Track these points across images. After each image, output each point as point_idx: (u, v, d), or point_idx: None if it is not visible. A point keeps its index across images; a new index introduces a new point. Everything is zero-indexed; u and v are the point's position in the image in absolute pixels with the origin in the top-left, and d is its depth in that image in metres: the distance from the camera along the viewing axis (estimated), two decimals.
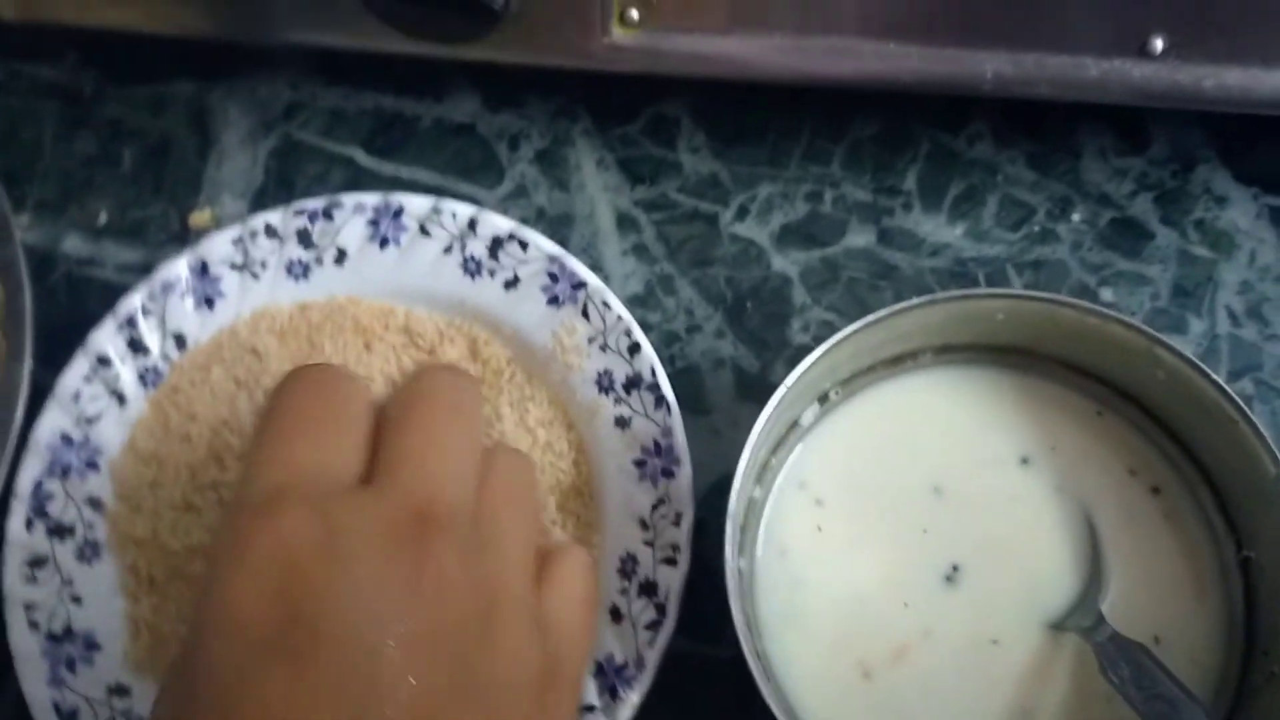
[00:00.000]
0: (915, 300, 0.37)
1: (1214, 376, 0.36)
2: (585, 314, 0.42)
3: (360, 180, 0.48)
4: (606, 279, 0.46)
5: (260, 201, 0.48)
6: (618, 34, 0.40)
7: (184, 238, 0.48)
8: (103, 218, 0.48)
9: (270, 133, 0.49)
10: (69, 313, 0.46)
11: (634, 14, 0.40)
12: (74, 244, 0.48)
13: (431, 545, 0.27)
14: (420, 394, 0.30)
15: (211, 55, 0.50)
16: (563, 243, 0.46)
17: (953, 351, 0.41)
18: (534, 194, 0.48)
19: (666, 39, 0.40)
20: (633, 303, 0.46)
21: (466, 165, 0.48)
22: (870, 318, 0.37)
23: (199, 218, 0.48)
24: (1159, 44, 0.38)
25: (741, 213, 0.47)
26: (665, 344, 0.45)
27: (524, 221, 0.46)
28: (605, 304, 0.42)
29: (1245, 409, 0.35)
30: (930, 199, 0.46)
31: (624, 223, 0.47)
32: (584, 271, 0.42)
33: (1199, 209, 0.46)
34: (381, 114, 0.49)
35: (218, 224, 0.48)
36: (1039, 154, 0.47)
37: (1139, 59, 0.38)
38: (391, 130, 0.49)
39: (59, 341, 0.43)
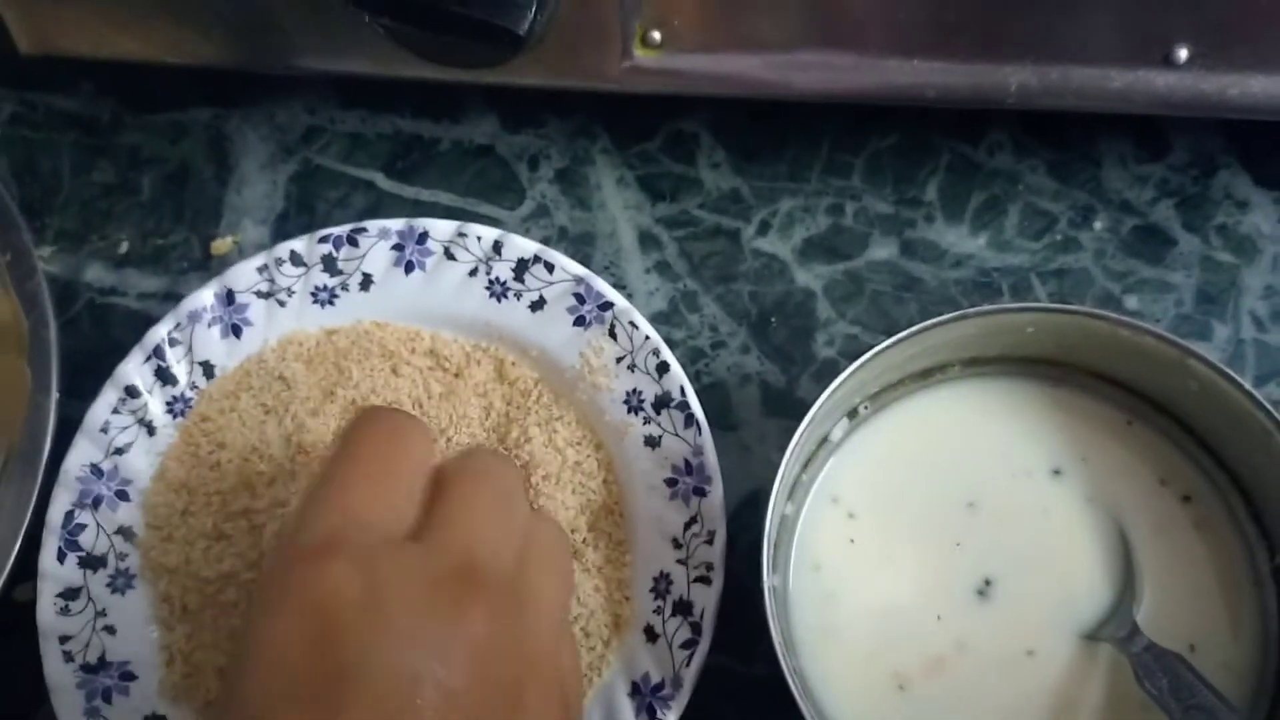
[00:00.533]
0: (946, 316, 0.37)
1: (1247, 387, 0.36)
2: (613, 334, 0.42)
3: (381, 204, 0.48)
4: (630, 297, 0.46)
5: (281, 227, 0.48)
6: (639, 56, 0.40)
7: (206, 265, 0.48)
8: (124, 246, 0.48)
9: (290, 158, 0.49)
10: (94, 343, 0.46)
11: (655, 35, 0.40)
12: (96, 273, 0.48)
13: (470, 605, 0.27)
14: (473, 469, 0.31)
15: (228, 81, 0.50)
16: (585, 261, 0.46)
17: (981, 364, 0.41)
18: (555, 213, 0.48)
19: (688, 59, 0.40)
20: (657, 320, 0.46)
21: (487, 186, 0.48)
22: (901, 335, 0.37)
23: (220, 245, 0.48)
24: (1183, 53, 0.38)
25: (763, 227, 0.47)
26: (691, 360, 0.45)
27: (546, 241, 0.47)
28: (633, 324, 0.42)
29: (1276, 414, 0.35)
30: (952, 209, 0.46)
31: (646, 240, 0.47)
32: (610, 292, 0.42)
33: (1221, 214, 0.46)
34: (400, 137, 0.49)
35: (239, 250, 0.48)
36: (1059, 162, 0.47)
37: (1163, 68, 0.39)
38: (411, 153, 0.49)
39: (84, 372, 0.43)
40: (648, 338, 0.42)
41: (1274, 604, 0.38)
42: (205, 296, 0.43)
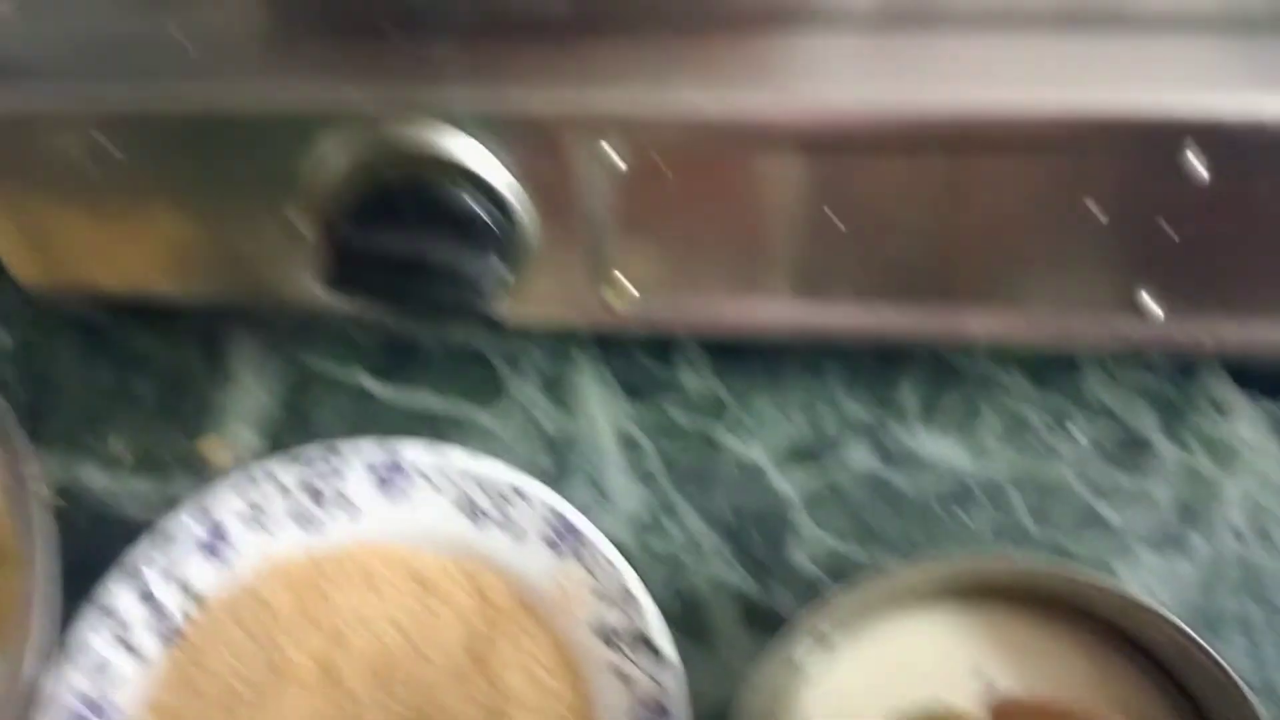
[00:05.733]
0: (922, 564, 0.37)
1: (1213, 653, 0.36)
2: (586, 566, 0.42)
3: (371, 410, 0.49)
4: (609, 503, 0.46)
5: (273, 431, 0.49)
6: (613, 302, 0.41)
7: (202, 470, 0.49)
8: (120, 450, 0.50)
9: (281, 359, 0.50)
10: (89, 551, 0.47)
11: (627, 285, 0.40)
12: (92, 477, 0.49)
13: None
14: None
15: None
16: (565, 466, 0.47)
17: (964, 597, 0.41)
18: (536, 415, 0.48)
19: (665, 305, 0.41)
20: (635, 528, 0.46)
21: (471, 388, 0.49)
22: (868, 582, 0.37)
23: (213, 450, 0.49)
24: (1148, 300, 0.38)
25: (742, 431, 0.47)
26: (670, 572, 0.45)
27: (529, 446, 0.47)
28: (608, 560, 0.42)
29: (1236, 678, 0.35)
30: (929, 415, 0.46)
31: (626, 444, 0.47)
32: (584, 524, 0.43)
33: (1202, 420, 0.45)
34: (389, 337, 0.50)
35: (234, 456, 0.49)
36: (1038, 366, 0.47)
37: (1130, 315, 0.38)
38: (399, 354, 0.50)
39: (81, 580, 0.44)
40: (619, 570, 0.42)
41: None
42: (187, 521, 0.44)
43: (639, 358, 0.49)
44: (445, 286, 0.35)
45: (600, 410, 0.48)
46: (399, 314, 0.38)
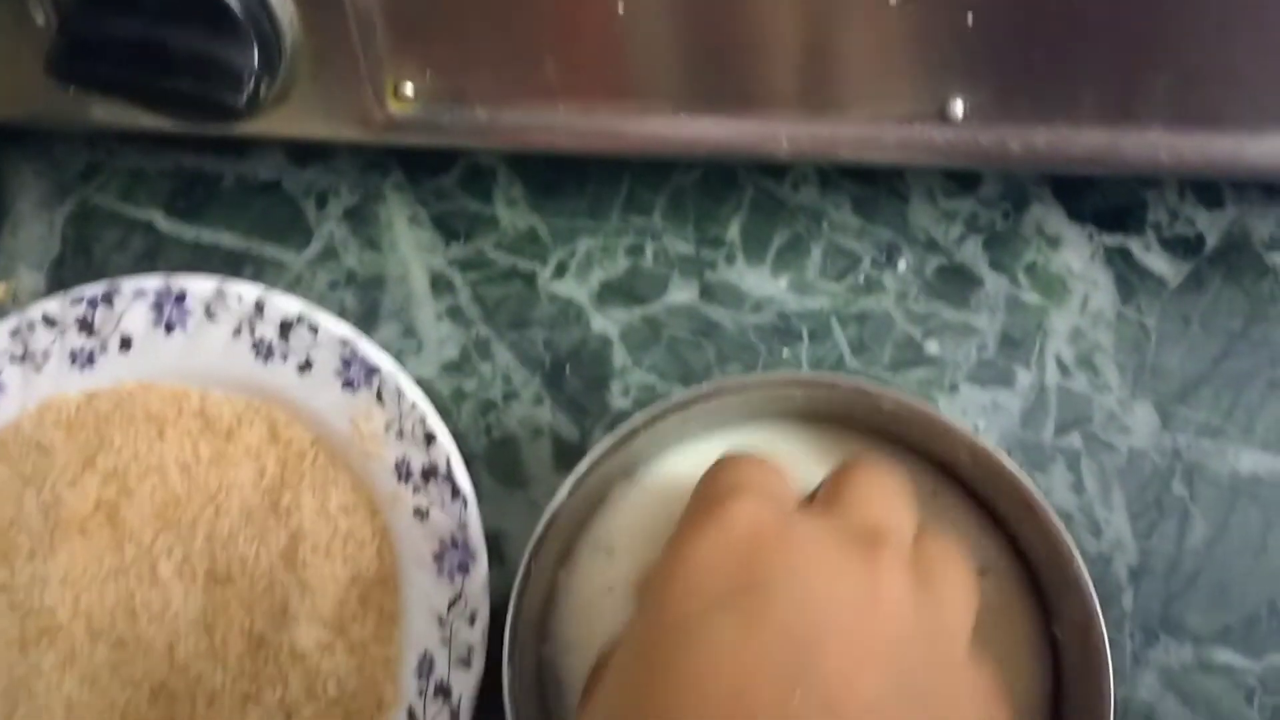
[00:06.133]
0: (704, 388, 0.36)
1: (1008, 461, 0.34)
2: (380, 399, 0.40)
3: (161, 247, 0.46)
4: (420, 345, 0.44)
5: (58, 272, 0.46)
6: (394, 109, 0.38)
7: None
8: None
9: (67, 197, 0.47)
10: None
11: (408, 89, 0.37)
12: None
13: (881, 561, 0.27)
14: (859, 464, 0.32)
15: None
16: (374, 307, 0.44)
17: (766, 421, 0.40)
18: (344, 255, 0.45)
19: (446, 112, 0.38)
20: (448, 370, 0.44)
21: (272, 226, 0.46)
22: (658, 407, 0.35)
23: None
24: (959, 107, 0.36)
25: (560, 270, 0.45)
26: (481, 413, 0.43)
27: (333, 286, 0.45)
28: (400, 390, 0.40)
29: (1037, 493, 0.34)
30: (754, 250, 0.44)
31: (439, 284, 0.45)
32: (377, 355, 0.40)
33: (1031, 251, 0.44)
34: (182, 173, 0.47)
35: (14, 298, 0.46)
36: (865, 198, 0.45)
37: (939, 123, 0.36)
38: (193, 190, 0.46)
39: None
40: (414, 405, 0.40)
41: (1051, 678, 0.37)
42: None
43: (455, 195, 0.46)
44: (189, 78, 0.32)
45: (411, 249, 0.45)
46: (142, 107, 0.35)
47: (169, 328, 0.41)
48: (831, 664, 0.25)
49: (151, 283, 0.41)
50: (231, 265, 0.45)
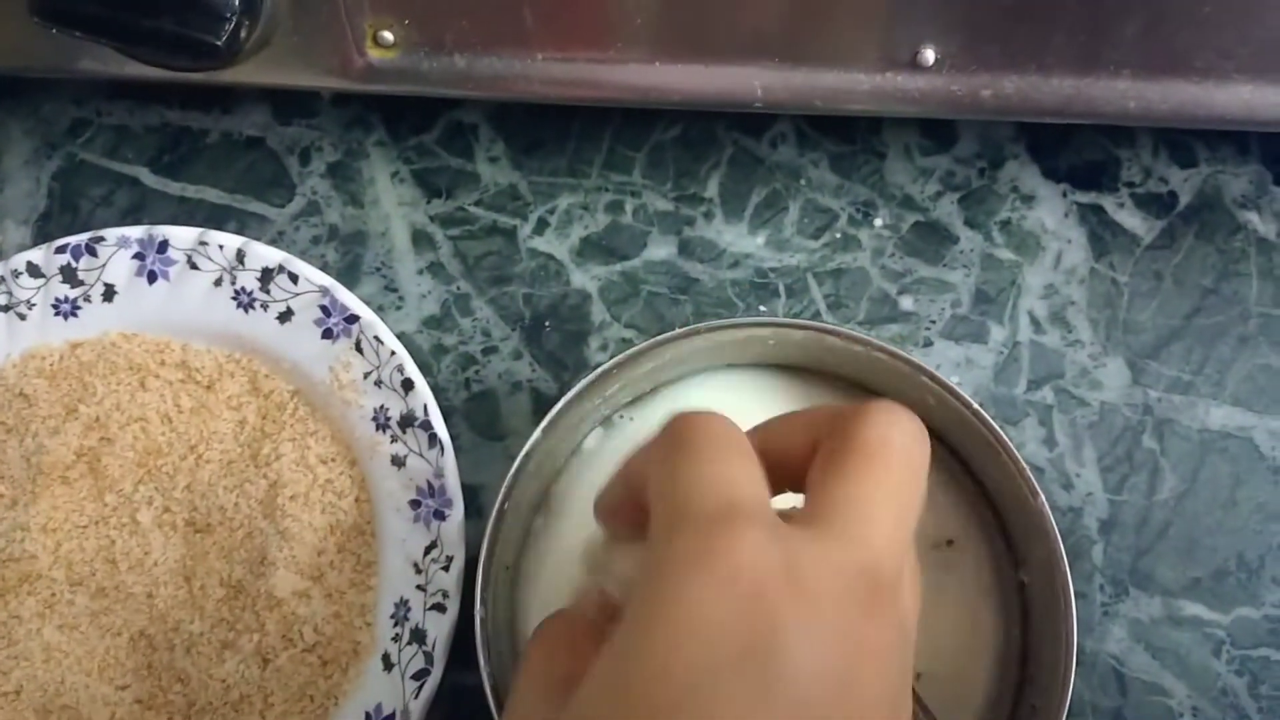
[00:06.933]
0: (678, 331, 0.36)
1: (973, 405, 0.35)
2: (359, 348, 0.40)
3: (146, 201, 0.46)
4: (402, 300, 0.44)
5: (44, 227, 0.46)
6: (373, 56, 0.38)
7: None
8: None
9: (54, 153, 0.47)
10: None
11: (387, 35, 0.38)
12: None
13: (878, 609, 0.24)
14: (878, 441, 0.26)
15: None
16: (356, 262, 0.45)
17: (738, 368, 0.40)
18: (326, 211, 0.46)
19: (425, 60, 0.38)
20: (429, 324, 0.44)
21: (256, 181, 0.46)
22: (630, 352, 0.36)
23: None
24: (930, 55, 0.36)
25: (541, 226, 0.45)
26: (461, 367, 0.44)
27: (316, 240, 0.45)
28: (378, 339, 0.40)
29: (1003, 436, 0.35)
30: (732, 206, 0.45)
31: (420, 239, 0.45)
32: (356, 304, 0.41)
33: (1005, 209, 0.44)
34: (168, 129, 0.47)
35: (0, 252, 0.46)
36: (843, 156, 0.45)
37: (911, 71, 0.37)
38: (178, 146, 0.47)
39: None
40: (393, 353, 0.40)
41: (1018, 624, 0.37)
42: None
43: (436, 152, 0.46)
44: (170, 18, 0.33)
45: (393, 205, 0.46)
46: (122, 49, 0.35)
47: (151, 277, 0.41)
48: None
49: (134, 232, 0.41)
50: (216, 219, 0.45)
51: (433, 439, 0.39)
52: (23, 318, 0.42)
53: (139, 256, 0.41)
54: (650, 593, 0.24)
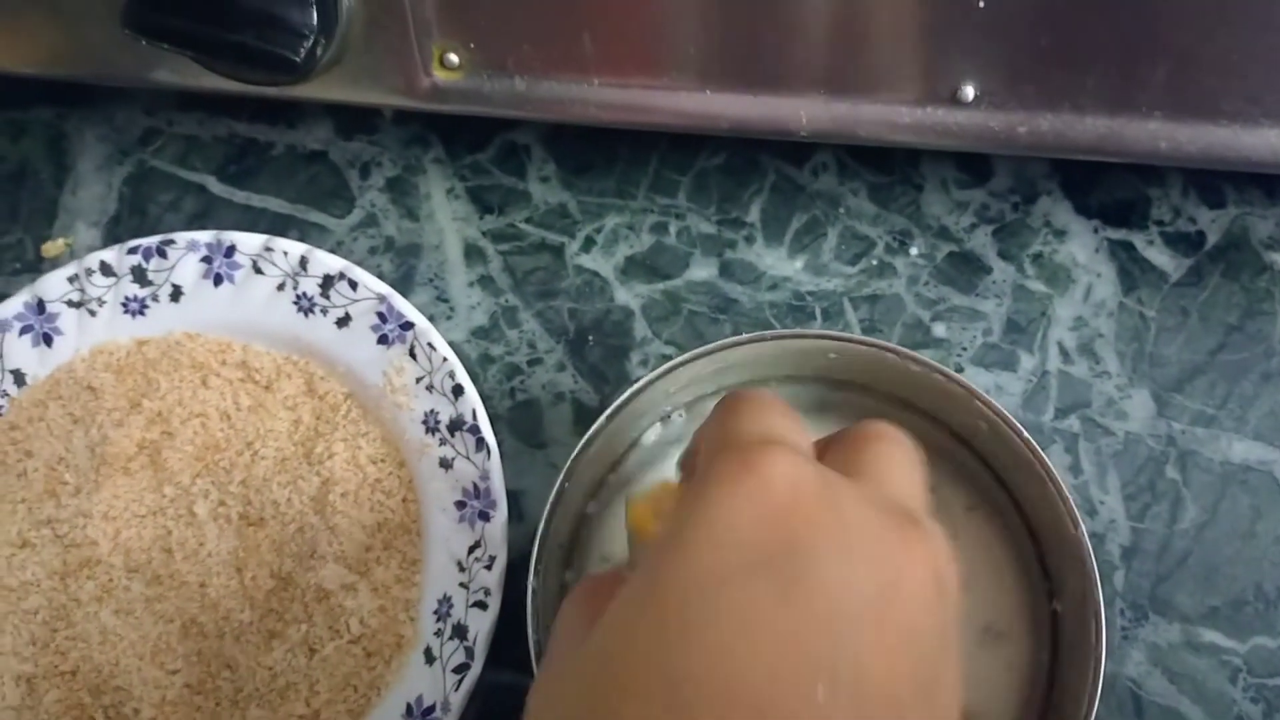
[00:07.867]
0: (745, 336, 0.38)
1: (1024, 433, 0.36)
2: (413, 354, 0.42)
3: (212, 208, 0.48)
4: (452, 310, 0.46)
5: (114, 230, 0.48)
6: (439, 77, 0.40)
7: (38, 266, 0.48)
8: None
9: (126, 159, 0.49)
10: None
11: (453, 58, 0.40)
12: None
13: (913, 542, 0.25)
14: (878, 428, 0.29)
15: (70, 82, 0.49)
16: (410, 273, 0.47)
17: (796, 381, 0.41)
18: (383, 223, 0.48)
19: (487, 82, 0.40)
20: (477, 335, 0.46)
21: (317, 193, 0.48)
22: (698, 350, 0.38)
23: (52, 247, 0.48)
24: (970, 92, 0.38)
25: (588, 244, 0.47)
26: (507, 377, 0.45)
27: (373, 251, 0.47)
28: (431, 345, 0.42)
29: (1049, 465, 0.36)
30: (772, 231, 0.47)
31: (472, 253, 0.47)
32: (411, 312, 0.43)
33: (1038, 242, 0.46)
34: (235, 140, 0.49)
35: (71, 253, 0.48)
36: (881, 186, 0.47)
37: (951, 106, 0.39)
38: (245, 157, 0.49)
39: None
40: (445, 359, 0.42)
41: (1048, 651, 0.38)
42: (15, 305, 0.43)
43: (491, 171, 0.48)
44: (252, 33, 0.35)
45: (448, 220, 0.48)
46: (203, 61, 0.37)
47: (217, 280, 0.44)
48: (864, 653, 0.23)
49: (203, 236, 0.44)
50: (278, 228, 0.48)
51: (480, 443, 0.41)
52: (93, 314, 0.44)
53: (206, 260, 0.44)
54: (688, 508, 0.25)
